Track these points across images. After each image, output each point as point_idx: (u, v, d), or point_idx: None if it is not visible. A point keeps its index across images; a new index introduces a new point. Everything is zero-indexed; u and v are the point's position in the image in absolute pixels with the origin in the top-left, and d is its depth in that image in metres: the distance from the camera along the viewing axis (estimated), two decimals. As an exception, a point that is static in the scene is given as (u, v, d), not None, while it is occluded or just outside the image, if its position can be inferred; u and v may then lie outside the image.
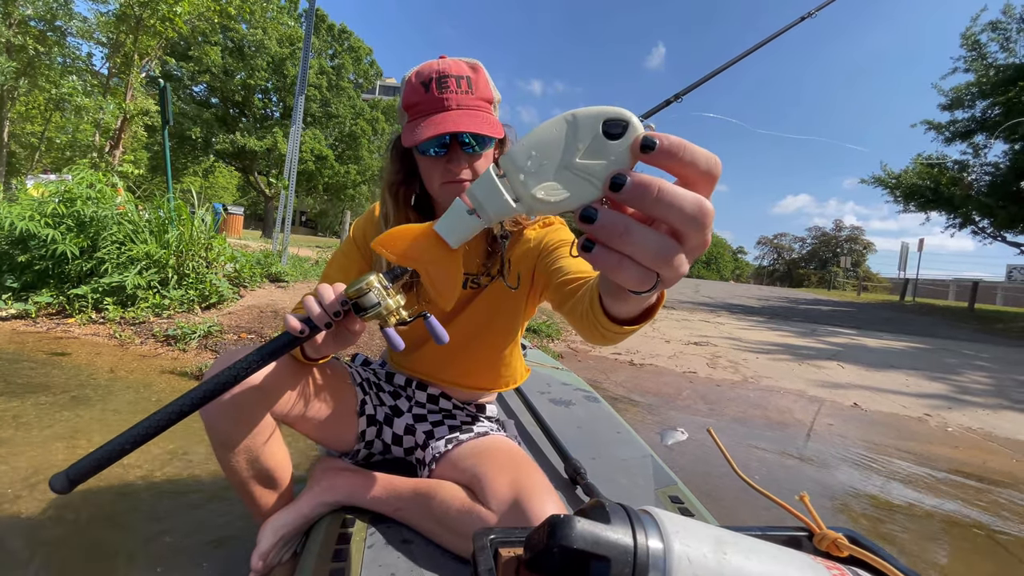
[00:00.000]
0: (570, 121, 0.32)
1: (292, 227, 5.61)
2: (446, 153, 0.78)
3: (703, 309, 8.08)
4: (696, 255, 0.31)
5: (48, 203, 3.39)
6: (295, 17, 19.03)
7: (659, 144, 0.28)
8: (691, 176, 0.29)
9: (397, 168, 0.86)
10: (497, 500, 0.72)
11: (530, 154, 0.33)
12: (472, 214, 0.38)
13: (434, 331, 0.64)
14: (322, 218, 37.30)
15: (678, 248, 0.30)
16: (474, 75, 0.78)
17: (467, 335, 0.94)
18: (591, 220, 0.30)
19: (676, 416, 2.35)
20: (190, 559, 1.03)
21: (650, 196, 0.28)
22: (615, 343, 0.56)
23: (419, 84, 0.76)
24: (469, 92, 0.76)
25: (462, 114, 0.75)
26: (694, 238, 0.30)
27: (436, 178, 0.80)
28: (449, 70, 0.76)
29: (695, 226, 0.29)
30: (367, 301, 0.58)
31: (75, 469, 0.54)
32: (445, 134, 0.74)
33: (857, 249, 46.93)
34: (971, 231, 13.06)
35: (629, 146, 0.30)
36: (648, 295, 0.35)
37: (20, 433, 1.56)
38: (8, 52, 9.62)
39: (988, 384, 3.74)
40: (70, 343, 2.73)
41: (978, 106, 11.92)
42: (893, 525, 1.48)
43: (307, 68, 5.42)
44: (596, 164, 0.31)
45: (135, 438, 0.56)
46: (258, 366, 0.60)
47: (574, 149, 0.31)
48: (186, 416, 0.57)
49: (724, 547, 0.39)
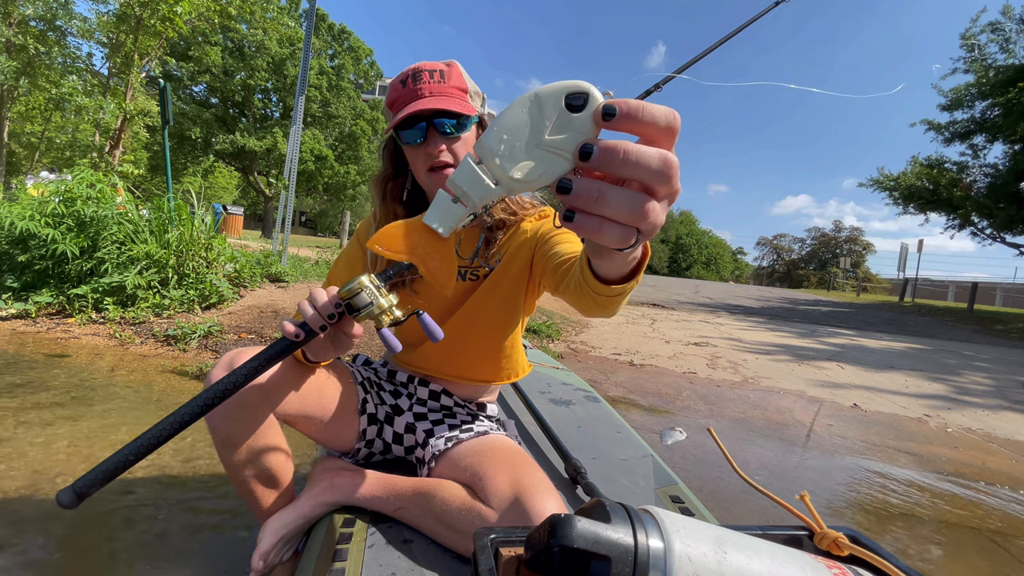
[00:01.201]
0: (534, 100, 0.33)
1: (292, 227, 5.61)
2: (424, 139, 0.83)
3: (703, 310, 8.08)
4: (669, 203, 0.33)
5: (48, 203, 3.39)
6: (295, 17, 19.05)
7: (619, 109, 0.30)
8: (652, 134, 0.31)
9: (386, 165, 0.93)
10: (498, 498, 0.72)
11: (502, 138, 0.35)
12: (457, 202, 0.39)
13: (428, 328, 0.64)
14: (321, 218, 37.32)
15: (650, 200, 0.31)
16: (447, 69, 0.84)
17: (467, 327, 0.95)
18: (567, 191, 0.31)
19: (676, 417, 2.36)
20: (191, 558, 1.03)
21: (617, 159, 0.30)
22: (610, 310, 0.58)
23: (398, 82, 0.84)
24: (442, 82, 0.83)
25: (433, 99, 0.81)
26: (663, 189, 0.31)
27: (420, 165, 0.85)
28: (423, 67, 0.83)
29: (662, 179, 0.31)
30: (360, 301, 0.59)
31: (82, 483, 0.55)
32: (417, 113, 0.80)
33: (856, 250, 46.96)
34: (970, 232, 13.07)
35: (592, 116, 0.31)
36: (632, 250, 0.37)
37: (20, 432, 1.56)
38: (8, 51, 9.62)
39: (988, 385, 3.75)
40: (70, 343, 2.73)
41: (977, 107, 11.93)
42: (893, 526, 1.49)
43: (307, 68, 5.42)
44: (563, 138, 0.32)
45: (140, 449, 0.56)
46: (257, 372, 0.61)
47: (542, 127, 0.33)
48: (189, 425, 0.58)
49: (725, 546, 0.39)
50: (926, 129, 13.00)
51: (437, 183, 0.84)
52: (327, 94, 20.15)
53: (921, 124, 13.06)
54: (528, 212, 0.92)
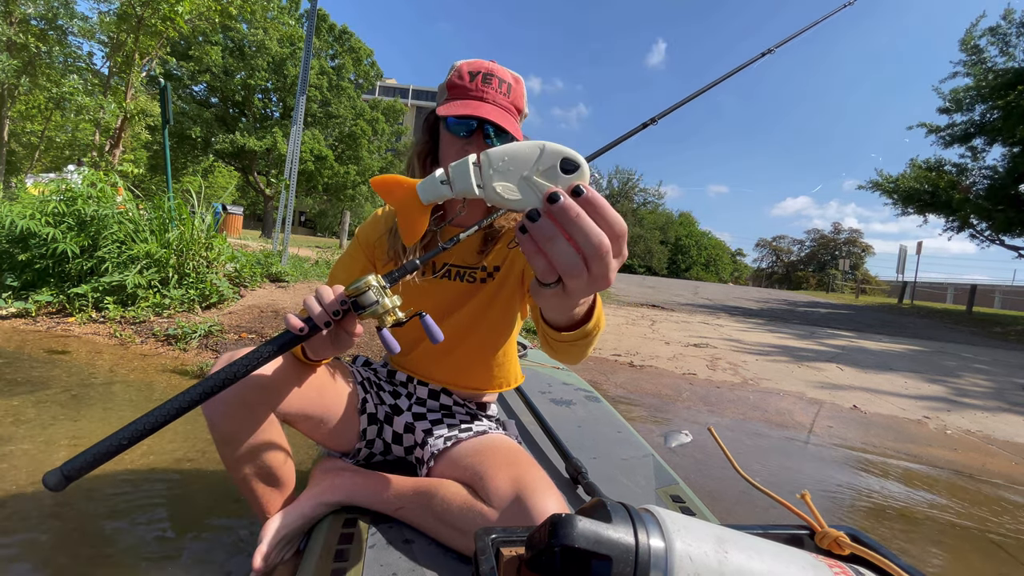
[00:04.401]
0: (542, 148, 0.42)
1: (291, 227, 5.61)
2: (469, 136, 0.86)
3: (702, 311, 8.08)
4: (596, 286, 0.40)
5: (49, 202, 3.39)
6: (296, 17, 19.05)
7: (586, 192, 0.39)
8: (602, 224, 0.39)
9: (426, 139, 0.95)
10: (498, 497, 0.72)
11: (504, 158, 0.43)
12: (444, 184, 0.47)
13: (429, 330, 0.65)
14: (321, 218, 37.32)
15: (583, 270, 0.39)
16: (515, 84, 0.89)
17: (463, 331, 0.96)
18: (533, 219, 0.39)
19: (676, 418, 2.36)
20: (191, 557, 1.03)
21: (570, 216, 0.38)
22: (563, 356, 0.65)
23: (468, 72, 0.86)
24: (506, 96, 0.87)
25: (494, 109, 0.85)
26: (595, 266, 0.39)
27: (452, 155, 0.88)
28: (496, 72, 0.87)
29: (594, 253, 0.38)
30: (366, 300, 0.61)
31: (70, 466, 0.54)
32: (474, 117, 0.83)
33: (856, 252, 46.96)
34: (969, 234, 13.08)
35: (571, 182, 0.40)
36: (558, 291, 0.43)
37: (20, 431, 1.56)
38: (9, 50, 9.62)
39: (987, 387, 3.75)
40: (70, 342, 2.73)
41: (977, 109, 11.95)
42: (893, 527, 1.49)
43: (308, 68, 5.42)
44: (545, 184, 0.41)
45: (132, 435, 0.56)
46: (258, 364, 0.61)
47: (535, 168, 0.42)
48: (184, 414, 0.58)
49: (725, 545, 0.39)
50: (926, 132, 13.02)
51: None
52: (327, 94, 20.15)
53: (920, 127, 13.08)
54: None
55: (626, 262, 5.44)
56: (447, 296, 0.97)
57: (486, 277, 0.95)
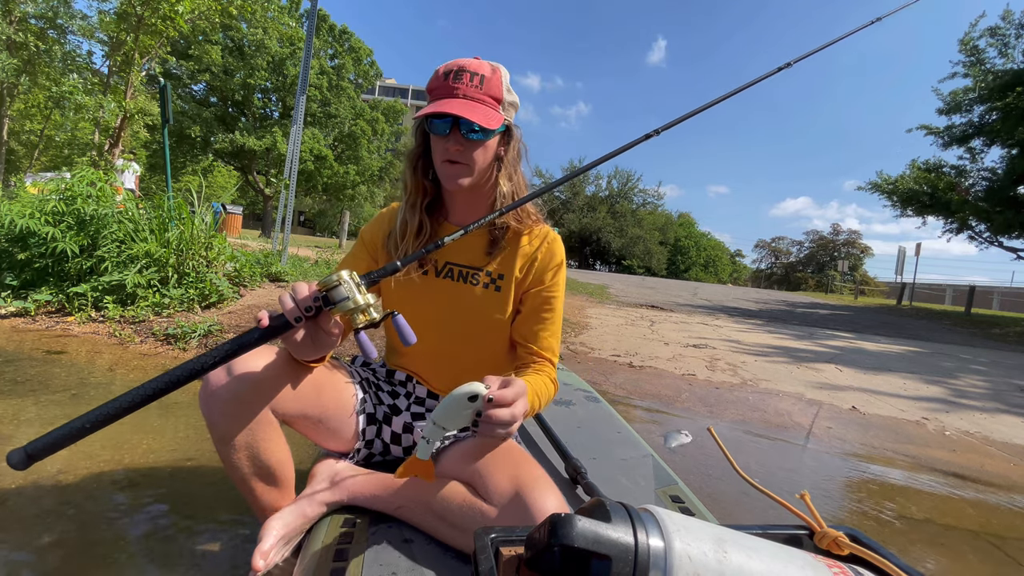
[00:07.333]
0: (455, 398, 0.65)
1: (291, 227, 5.61)
2: (448, 133, 0.87)
3: (701, 312, 8.08)
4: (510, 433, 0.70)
5: (48, 201, 3.39)
6: (296, 17, 19.01)
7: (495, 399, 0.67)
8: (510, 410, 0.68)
9: (418, 143, 0.97)
10: (498, 495, 0.72)
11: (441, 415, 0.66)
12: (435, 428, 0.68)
13: (401, 331, 0.66)
14: (320, 218, 37.29)
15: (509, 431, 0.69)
16: (490, 75, 0.88)
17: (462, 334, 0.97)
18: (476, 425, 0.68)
19: (676, 418, 2.36)
20: (191, 557, 1.03)
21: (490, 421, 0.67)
22: None
23: (441, 73, 0.87)
24: (478, 88, 0.86)
25: (463, 103, 0.84)
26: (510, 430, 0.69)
27: (438, 155, 0.90)
28: (468, 67, 0.87)
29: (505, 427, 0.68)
30: (337, 294, 0.60)
31: (34, 445, 0.54)
32: (441, 113, 0.83)
33: (855, 253, 46.97)
34: (968, 236, 13.09)
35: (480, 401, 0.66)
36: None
37: (20, 431, 1.56)
38: (9, 49, 9.60)
39: (985, 388, 3.76)
40: (69, 341, 2.73)
41: (976, 111, 11.96)
42: (892, 527, 1.49)
43: (308, 68, 5.42)
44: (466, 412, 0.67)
45: (97, 419, 0.56)
46: (224, 359, 0.61)
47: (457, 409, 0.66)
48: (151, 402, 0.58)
49: (725, 545, 0.39)
50: (925, 134, 13.04)
51: (447, 175, 0.90)
52: (327, 94, 20.13)
53: (919, 129, 13.10)
54: (532, 222, 0.98)
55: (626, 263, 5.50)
56: (447, 296, 0.96)
57: (489, 283, 0.95)
